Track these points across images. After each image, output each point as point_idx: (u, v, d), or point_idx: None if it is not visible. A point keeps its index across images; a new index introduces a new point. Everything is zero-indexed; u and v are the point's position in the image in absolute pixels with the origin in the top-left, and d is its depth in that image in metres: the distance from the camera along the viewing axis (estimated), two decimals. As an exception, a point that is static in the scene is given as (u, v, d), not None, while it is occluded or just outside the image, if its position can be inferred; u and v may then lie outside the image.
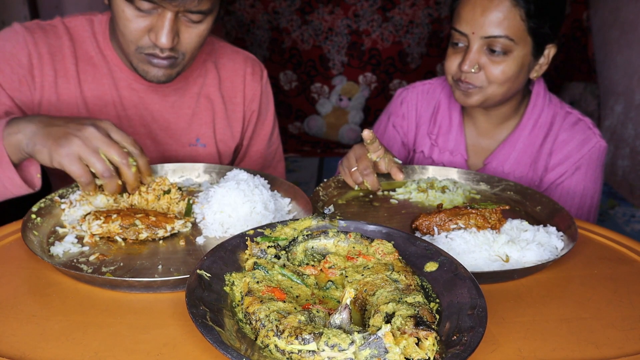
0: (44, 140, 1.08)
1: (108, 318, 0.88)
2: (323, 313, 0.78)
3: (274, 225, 1.01)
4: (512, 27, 1.43)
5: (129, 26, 1.25)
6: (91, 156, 1.06)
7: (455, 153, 1.68)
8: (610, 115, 4.18)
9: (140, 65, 1.33)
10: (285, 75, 4.99)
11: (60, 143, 1.06)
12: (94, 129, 1.07)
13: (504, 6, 1.42)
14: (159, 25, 1.23)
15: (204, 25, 1.29)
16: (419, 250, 0.98)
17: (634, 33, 3.91)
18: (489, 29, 1.43)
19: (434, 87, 1.78)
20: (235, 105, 1.62)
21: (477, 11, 1.44)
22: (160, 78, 1.35)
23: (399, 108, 1.80)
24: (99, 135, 1.07)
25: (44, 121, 1.11)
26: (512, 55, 1.46)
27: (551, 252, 1.10)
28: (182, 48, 1.30)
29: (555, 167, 1.60)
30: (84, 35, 1.44)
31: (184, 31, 1.27)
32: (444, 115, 1.71)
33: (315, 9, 4.86)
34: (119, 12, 1.24)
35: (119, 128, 1.12)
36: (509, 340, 0.86)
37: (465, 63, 1.47)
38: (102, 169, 1.08)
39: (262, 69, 1.67)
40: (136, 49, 1.29)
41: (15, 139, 1.11)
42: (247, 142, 1.68)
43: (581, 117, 1.63)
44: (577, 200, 1.59)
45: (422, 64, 4.92)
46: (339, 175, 1.41)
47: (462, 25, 1.47)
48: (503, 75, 1.47)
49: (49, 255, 1.03)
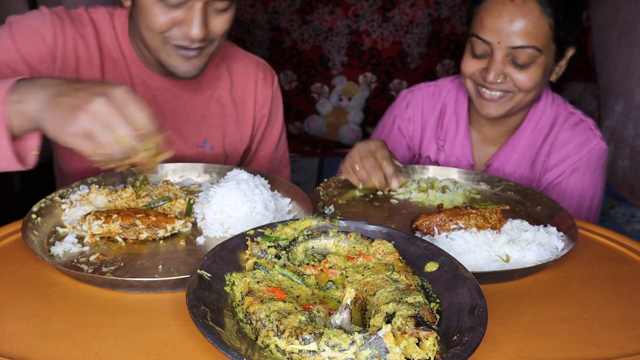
0: (51, 115, 0.96)
1: (108, 318, 0.88)
2: (323, 313, 0.78)
3: (274, 225, 1.01)
4: (540, 36, 1.38)
5: (157, 21, 1.25)
6: (100, 134, 0.95)
7: (461, 158, 1.66)
8: (610, 115, 4.18)
9: (169, 60, 1.33)
10: (285, 75, 4.99)
11: (67, 120, 0.94)
12: (104, 102, 0.94)
13: (532, 15, 1.36)
14: (189, 17, 1.25)
15: (230, 12, 1.32)
16: (419, 250, 0.98)
17: (634, 33, 3.91)
18: (517, 39, 1.37)
19: (439, 89, 1.74)
20: (246, 109, 1.62)
21: (504, 19, 1.37)
22: (192, 72, 1.36)
23: (405, 112, 1.76)
24: (109, 110, 0.94)
25: (54, 90, 0.98)
26: (537, 63, 1.41)
27: (551, 252, 1.10)
28: (211, 36, 1.31)
29: (553, 167, 1.58)
30: (105, 28, 1.45)
31: (213, 20, 1.29)
32: (451, 120, 1.68)
33: (315, 9, 4.86)
34: (147, 8, 1.24)
35: (133, 97, 0.98)
36: (509, 340, 0.86)
37: (490, 74, 1.42)
38: (111, 150, 0.96)
39: (273, 74, 1.68)
40: (163, 40, 1.29)
41: (26, 109, 0.99)
42: (256, 146, 1.69)
43: (584, 118, 1.61)
44: (574, 201, 1.57)
45: (422, 64, 4.92)
46: (339, 175, 1.41)
47: (486, 33, 1.40)
48: (531, 83, 1.43)
49: (49, 255, 1.03)
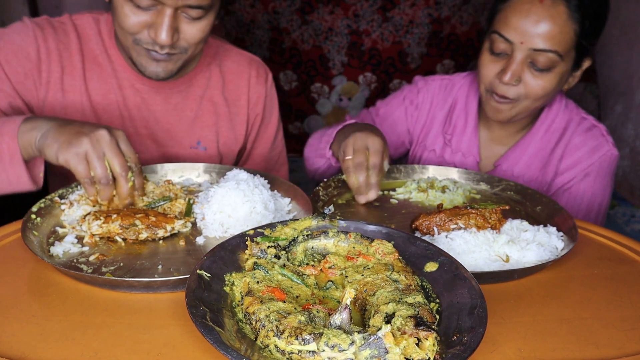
0: (56, 136, 1.10)
1: (108, 318, 0.88)
2: (323, 313, 0.78)
3: (274, 225, 1.01)
4: (563, 42, 1.35)
5: (127, 21, 1.24)
6: (95, 159, 1.08)
7: (467, 155, 1.65)
8: (610, 115, 4.18)
9: (139, 59, 1.32)
10: (285, 75, 4.99)
11: (70, 141, 1.08)
12: (105, 133, 1.09)
13: (560, 19, 1.33)
14: (158, 21, 1.22)
15: (205, 20, 1.27)
16: (419, 250, 0.98)
17: (634, 33, 3.91)
18: (540, 42, 1.34)
19: (452, 83, 1.71)
20: (239, 108, 1.60)
21: (530, 20, 1.34)
22: (160, 74, 1.33)
23: (416, 96, 1.73)
24: (109, 140, 1.09)
25: (62, 121, 1.14)
26: (554, 70, 1.38)
27: (551, 252, 1.10)
28: (183, 44, 1.29)
29: (564, 172, 1.56)
30: (90, 34, 1.44)
31: (185, 27, 1.26)
32: (460, 116, 1.67)
33: (315, 9, 4.86)
34: (118, 7, 1.24)
35: (129, 140, 1.14)
36: (509, 340, 0.86)
37: (507, 74, 1.38)
38: (101, 175, 1.09)
39: (267, 71, 1.66)
40: (134, 41, 1.28)
41: (30, 135, 1.13)
42: (251, 145, 1.67)
43: (596, 123, 1.59)
44: (584, 206, 1.56)
45: (422, 64, 4.92)
46: (339, 175, 1.41)
47: (510, 32, 1.37)
48: (542, 91, 1.40)
49: (49, 255, 1.03)
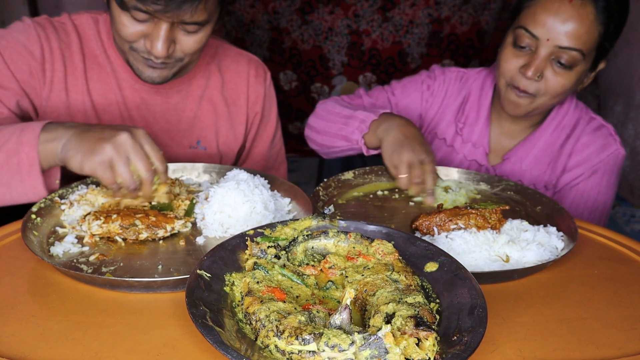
0: (78, 145, 1.08)
1: (108, 318, 0.88)
2: (323, 313, 0.78)
3: (274, 225, 1.01)
4: (588, 42, 1.38)
5: (124, 30, 1.25)
6: (120, 165, 1.07)
7: (478, 145, 1.67)
8: (610, 115, 4.18)
9: (135, 63, 1.33)
10: (285, 75, 4.99)
11: (94, 150, 1.07)
12: (127, 137, 1.08)
13: (587, 19, 1.36)
14: (154, 34, 1.23)
15: (202, 33, 1.28)
16: (419, 250, 0.98)
17: (634, 33, 3.91)
18: (566, 40, 1.37)
19: (467, 76, 1.73)
20: (238, 107, 1.61)
21: (559, 18, 1.37)
22: (155, 79, 1.35)
23: (433, 83, 1.75)
24: (132, 143, 1.08)
25: (81, 128, 1.12)
26: (575, 69, 1.41)
27: (551, 252, 1.10)
28: (179, 54, 1.30)
29: (572, 169, 1.59)
30: (89, 34, 1.44)
31: (182, 38, 1.27)
32: (472, 108, 1.68)
33: (315, 9, 4.85)
34: (115, 16, 1.25)
35: (150, 137, 1.13)
36: (509, 340, 0.86)
37: (530, 69, 1.40)
38: (128, 181, 1.09)
39: (266, 71, 1.67)
40: (130, 47, 1.29)
41: (52, 146, 1.11)
42: (250, 144, 1.68)
43: (604, 123, 1.63)
44: (589, 204, 1.58)
45: (422, 64, 4.91)
46: (339, 175, 1.41)
47: (537, 28, 1.39)
48: (562, 89, 1.43)
49: (49, 255, 1.03)
